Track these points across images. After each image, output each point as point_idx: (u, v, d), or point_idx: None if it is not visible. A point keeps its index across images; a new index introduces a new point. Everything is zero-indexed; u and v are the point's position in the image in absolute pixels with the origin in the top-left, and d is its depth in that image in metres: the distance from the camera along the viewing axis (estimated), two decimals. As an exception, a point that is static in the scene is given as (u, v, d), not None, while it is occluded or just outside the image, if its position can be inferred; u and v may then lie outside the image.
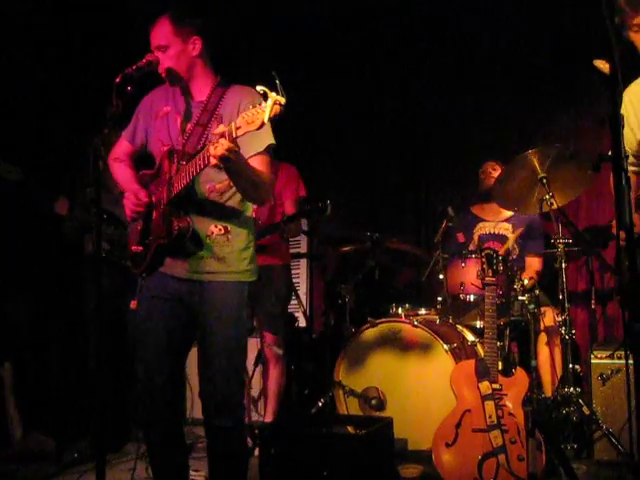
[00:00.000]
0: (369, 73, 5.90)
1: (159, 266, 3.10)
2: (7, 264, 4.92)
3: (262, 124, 2.58)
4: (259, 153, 3.04)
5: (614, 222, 3.10)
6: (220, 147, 2.68)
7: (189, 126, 3.12)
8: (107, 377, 4.49)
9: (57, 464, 4.39)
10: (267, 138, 3.04)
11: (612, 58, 2.11)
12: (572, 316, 4.44)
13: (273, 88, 2.53)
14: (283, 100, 2.54)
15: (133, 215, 3.12)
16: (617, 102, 2.05)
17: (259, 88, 2.54)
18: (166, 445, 3.14)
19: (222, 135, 2.69)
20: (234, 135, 2.66)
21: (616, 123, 2.00)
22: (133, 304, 3.16)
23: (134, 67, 2.96)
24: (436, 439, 3.77)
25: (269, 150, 3.08)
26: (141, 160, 3.35)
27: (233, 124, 2.66)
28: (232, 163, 2.76)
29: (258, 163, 3.01)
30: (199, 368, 3.11)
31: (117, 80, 2.87)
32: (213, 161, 2.72)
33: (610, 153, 2.00)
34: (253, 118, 2.59)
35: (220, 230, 3.08)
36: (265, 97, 2.53)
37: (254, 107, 2.59)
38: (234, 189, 3.09)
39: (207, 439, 3.17)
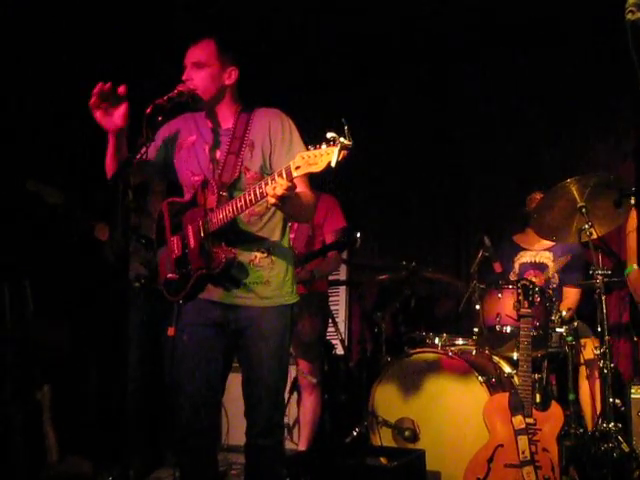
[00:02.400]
0: (405, 101, 5.89)
1: (199, 293, 3.12)
2: (47, 287, 5.00)
3: (328, 166, 2.59)
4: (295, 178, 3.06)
5: None
6: (279, 187, 2.70)
7: (219, 154, 3.13)
8: (141, 402, 4.53)
9: (92, 488, 4.44)
10: None
11: (638, 87, 2.07)
12: (614, 348, 4.32)
13: (340, 132, 2.56)
14: (350, 144, 2.56)
15: None
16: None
17: (329, 135, 2.57)
18: (200, 471, 3.15)
19: (279, 174, 2.71)
20: (293, 175, 2.68)
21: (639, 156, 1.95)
22: (171, 331, 3.19)
23: (165, 98, 2.96)
24: (467, 474, 3.71)
25: None
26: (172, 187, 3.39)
27: (292, 163, 2.68)
28: (287, 202, 2.78)
29: (299, 184, 2.96)
30: (243, 389, 3.14)
31: (147, 111, 2.88)
32: (272, 200, 2.74)
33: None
34: (316, 160, 2.61)
35: (263, 253, 3.10)
36: (333, 141, 2.56)
37: (316, 148, 2.61)
38: (271, 211, 3.11)
39: (246, 459, 3.20)
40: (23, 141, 5.07)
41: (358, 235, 4.29)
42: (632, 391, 4.08)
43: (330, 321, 5.08)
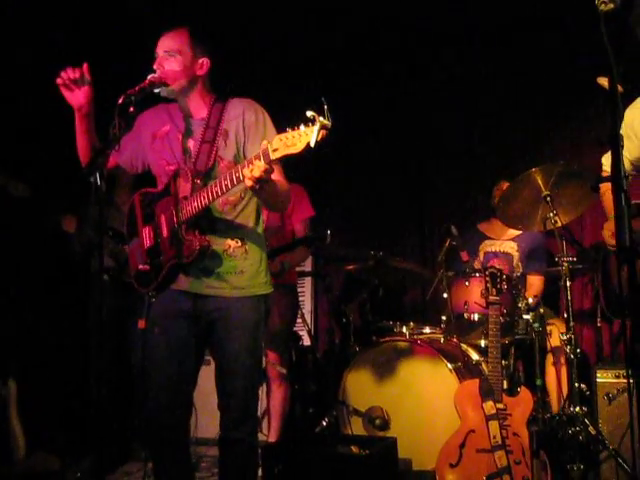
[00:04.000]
0: (373, 91, 5.89)
1: (171, 284, 3.10)
2: (12, 280, 4.92)
3: (306, 147, 2.57)
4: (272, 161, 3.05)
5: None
6: (257, 169, 2.68)
7: (192, 143, 3.12)
8: (108, 396, 4.48)
9: (60, 484, 4.40)
10: None
11: (612, 77, 2.11)
12: (578, 334, 4.40)
13: (320, 112, 2.54)
14: (330, 124, 2.55)
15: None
16: (616, 121, 2.04)
17: (309, 113, 2.55)
18: (174, 464, 3.14)
19: (257, 157, 2.69)
20: (270, 157, 2.66)
21: (616, 143, 1.99)
22: (141, 323, 3.15)
23: (136, 88, 2.95)
24: (440, 459, 3.74)
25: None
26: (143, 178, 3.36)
27: (269, 145, 2.66)
28: (265, 185, 2.76)
29: (275, 171, 2.93)
30: (217, 381, 3.13)
31: (119, 101, 2.86)
32: (249, 183, 2.72)
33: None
34: (294, 141, 2.59)
35: (237, 243, 3.09)
36: (312, 121, 2.54)
37: (294, 130, 2.59)
38: (245, 200, 3.12)
39: (220, 451, 3.19)
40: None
41: (328, 232, 4.32)
42: (597, 375, 4.15)
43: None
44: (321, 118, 2.53)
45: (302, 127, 2.57)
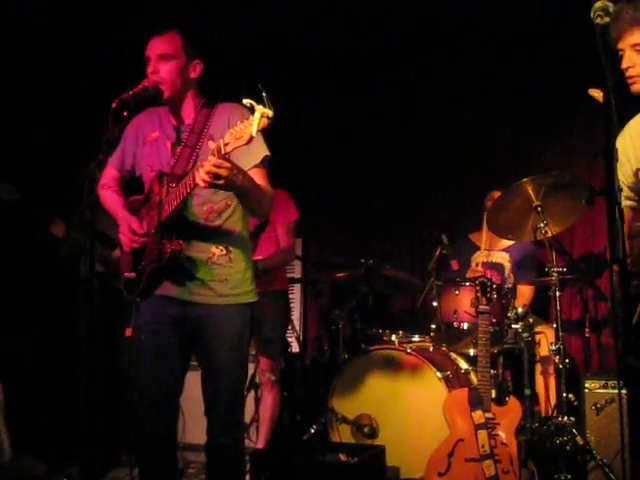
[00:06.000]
0: (365, 95, 5.91)
1: (154, 290, 3.09)
2: (0, 284, 4.89)
3: (250, 138, 2.57)
4: (255, 166, 3.04)
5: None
6: (207, 164, 2.68)
7: (178, 149, 3.12)
8: (97, 401, 4.46)
9: (46, 489, 4.37)
10: (261, 150, 3.05)
11: (606, 89, 2.12)
12: (566, 344, 4.41)
13: (260, 101, 2.51)
14: (271, 113, 2.52)
15: (130, 249, 3.11)
16: (611, 134, 2.05)
17: (245, 101, 2.54)
18: (160, 470, 3.13)
19: (211, 153, 2.69)
20: (223, 151, 2.65)
21: (610, 156, 2.00)
22: (128, 332, 3.14)
23: (131, 93, 2.94)
24: (429, 468, 3.75)
25: (264, 162, 3.09)
26: (130, 185, 3.35)
27: (221, 140, 2.66)
28: (227, 181, 2.74)
29: (256, 176, 2.99)
30: (203, 388, 3.13)
31: (113, 105, 2.85)
32: (204, 177, 2.70)
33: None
34: (241, 133, 2.59)
35: (222, 251, 3.08)
36: (252, 110, 2.53)
37: (242, 122, 2.59)
38: (232, 208, 3.11)
39: (207, 458, 3.19)
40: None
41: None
42: (586, 385, 4.16)
43: (286, 319, 5.08)
44: (260, 106, 2.51)
45: (251, 117, 2.55)
